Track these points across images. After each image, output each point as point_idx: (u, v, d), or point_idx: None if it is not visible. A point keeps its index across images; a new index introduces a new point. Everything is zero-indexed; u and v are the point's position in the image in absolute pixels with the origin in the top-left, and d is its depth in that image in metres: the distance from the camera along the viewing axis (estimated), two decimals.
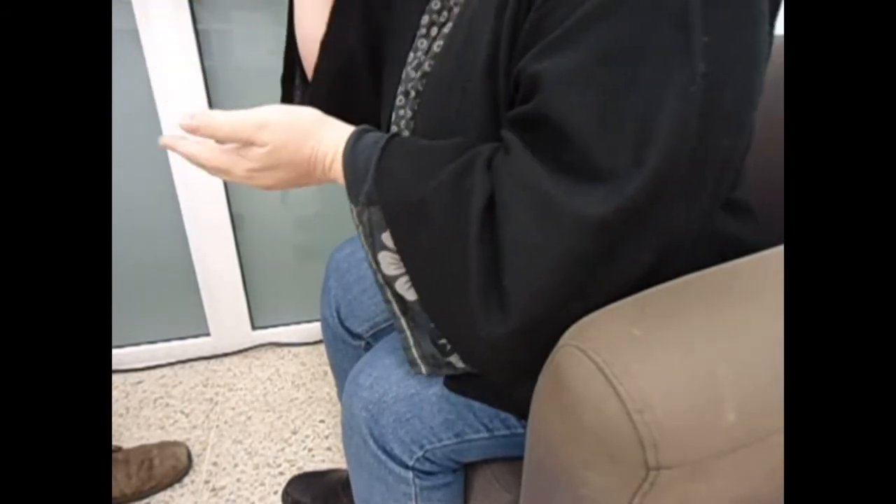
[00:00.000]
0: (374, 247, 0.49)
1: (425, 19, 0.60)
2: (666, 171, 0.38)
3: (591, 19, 0.39)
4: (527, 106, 0.42)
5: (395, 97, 0.61)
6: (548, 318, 0.42)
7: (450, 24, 0.56)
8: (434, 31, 0.58)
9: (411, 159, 0.48)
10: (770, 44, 0.47)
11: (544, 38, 0.41)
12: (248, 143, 0.51)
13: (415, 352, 0.55)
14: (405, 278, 0.49)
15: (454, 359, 0.53)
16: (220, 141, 0.52)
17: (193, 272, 1.35)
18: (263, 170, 0.52)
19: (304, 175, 0.53)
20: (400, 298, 0.51)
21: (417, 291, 0.49)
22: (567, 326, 0.41)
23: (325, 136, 0.52)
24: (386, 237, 0.48)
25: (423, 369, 0.56)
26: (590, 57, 0.39)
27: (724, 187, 0.44)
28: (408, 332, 0.54)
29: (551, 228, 0.40)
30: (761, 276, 0.43)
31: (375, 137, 0.51)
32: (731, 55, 0.39)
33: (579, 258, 0.40)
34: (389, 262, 0.49)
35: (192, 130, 0.50)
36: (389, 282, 0.51)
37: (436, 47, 0.57)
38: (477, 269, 0.43)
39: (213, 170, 0.53)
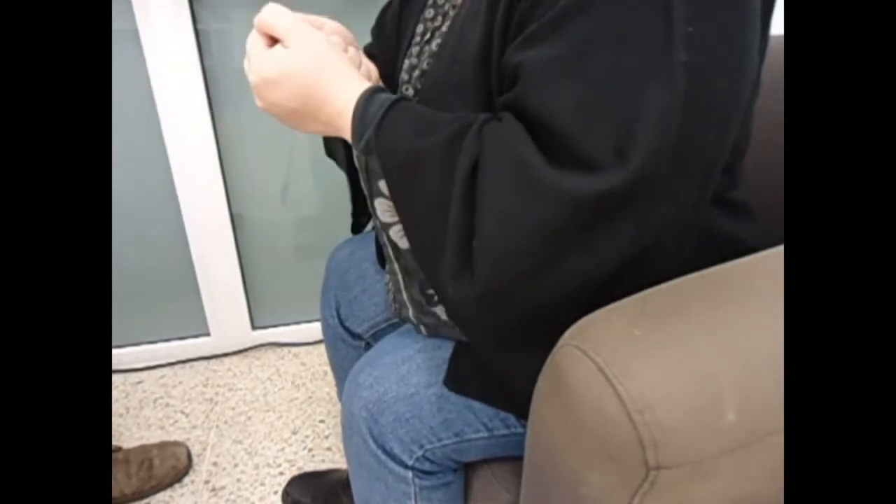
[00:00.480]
0: (372, 193, 0.50)
1: (419, 28, 0.60)
2: (651, 165, 0.38)
3: (573, 9, 0.39)
4: (508, 94, 0.43)
5: None
6: (513, 288, 0.42)
7: (447, 24, 0.56)
8: (427, 35, 0.59)
9: (414, 117, 0.48)
10: (765, 43, 0.47)
11: (529, 28, 0.41)
12: (275, 42, 0.51)
13: (404, 294, 0.56)
14: (399, 226, 0.50)
15: (439, 310, 0.54)
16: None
17: (193, 272, 1.35)
18: (273, 81, 0.50)
19: (308, 111, 0.51)
20: (394, 245, 0.52)
21: (409, 241, 0.49)
22: (536, 304, 0.41)
23: (348, 85, 0.51)
24: (382, 185, 0.49)
25: (411, 311, 0.56)
26: (570, 47, 0.39)
27: (711, 182, 0.44)
28: (399, 276, 0.55)
29: (527, 197, 0.40)
30: (761, 276, 0.43)
31: (390, 95, 0.51)
32: (718, 47, 0.39)
33: (550, 231, 0.39)
34: (384, 210, 0.50)
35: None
36: (385, 228, 0.51)
37: (434, 46, 0.57)
38: (454, 230, 0.43)
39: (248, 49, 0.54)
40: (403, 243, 0.51)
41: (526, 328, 0.44)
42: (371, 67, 0.59)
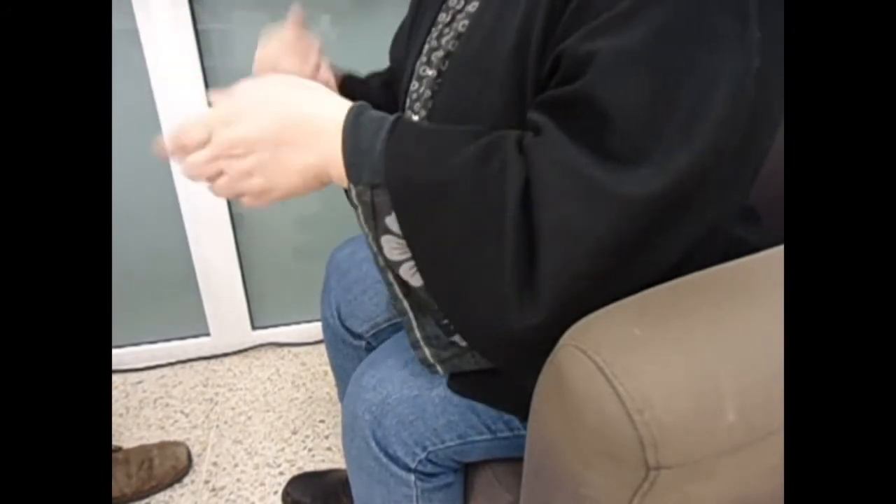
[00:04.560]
0: (377, 230, 0.46)
1: (442, 16, 0.58)
2: (711, 158, 0.37)
3: (647, 1, 0.38)
4: (569, 87, 0.40)
5: (409, 83, 0.60)
6: (577, 308, 0.39)
7: (475, 4, 0.54)
8: (450, 19, 0.57)
9: (425, 140, 0.45)
10: None
11: (595, 19, 0.40)
12: (226, 124, 0.46)
13: (418, 333, 0.53)
14: (410, 263, 0.46)
15: (458, 338, 0.52)
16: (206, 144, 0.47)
17: (193, 272, 1.35)
18: (243, 109, 0.46)
19: (290, 130, 0.46)
20: (403, 283, 0.48)
21: (428, 279, 0.46)
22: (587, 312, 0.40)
23: (321, 97, 0.47)
24: (391, 221, 0.44)
25: (427, 351, 0.54)
26: (645, 39, 0.38)
27: (750, 187, 0.44)
28: (410, 315, 0.52)
29: (595, 213, 0.38)
30: (761, 276, 0.43)
31: (379, 115, 0.46)
32: (779, 55, 0.39)
33: (618, 243, 0.38)
34: (393, 247, 0.46)
35: (179, 150, 0.47)
36: (392, 266, 0.47)
37: (460, 27, 0.55)
38: (514, 257, 0.39)
39: (208, 178, 0.48)
40: (416, 281, 0.46)
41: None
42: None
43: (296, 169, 0.47)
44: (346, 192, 0.47)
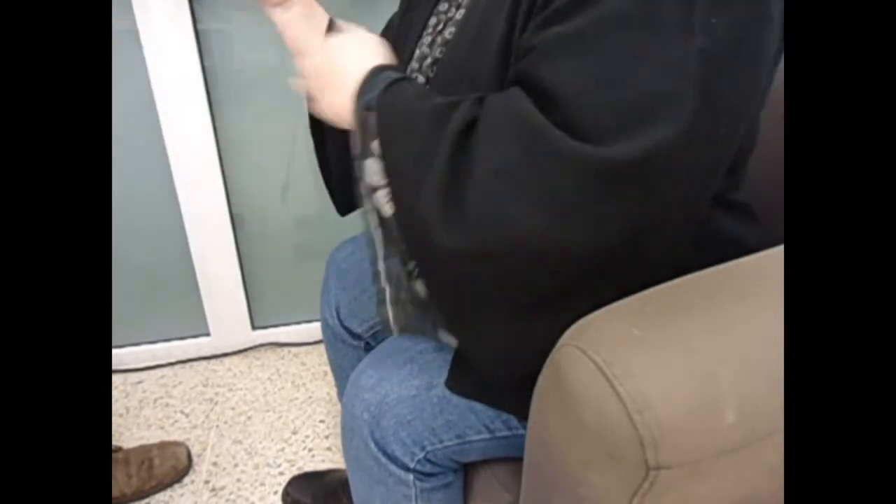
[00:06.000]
0: (364, 152, 0.51)
1: (433, 20, 0.60)
2: (663, 147, 0.38)
3: None
4: (518, 66, 0.43)
5: None
6: (504, 247, 0.42)
7: (461, 12, 0.56)
8: (441, 26, 0.58)
9: (420, 88, 0.51)
10: (780, 49, 0.47)
11: (546, 10, 0.42)
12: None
13: (381, 265, 0.55)
14: (386, 191, 0.50)
15: (419, 286, 0.53)
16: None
17: (193, 272, 1.35)
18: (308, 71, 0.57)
19: (332, 76, 0.56)
20: (378, 211, 0.52)
21: (394, 202, 0.50)
22: (525, 269, 0.42)
23: (370, 54, 0.56)
24: (375, 145, 0.50)
25: (387, 292, 0.56)
26: (586, 26, 0.39)
27: (714, 180, 0.44)
28: (379, 245, 0.55)
29: (531, 157, 0.40)
30: (761, 276, 0.43)
31: (398, 72, 0.54)
32: (735, 44, 0.39)
33: (552, 194, 0.40)
34: (374, 171, 0.50)
35: None
36: (371, 191, 0.52)
37: (447, 34, 0.57)
38: (439, 184, 0.43)
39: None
40: (388, 209, 0.50)
41: (513, 304, 0.44)
42: None
43: (336, 104, 0.55)
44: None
